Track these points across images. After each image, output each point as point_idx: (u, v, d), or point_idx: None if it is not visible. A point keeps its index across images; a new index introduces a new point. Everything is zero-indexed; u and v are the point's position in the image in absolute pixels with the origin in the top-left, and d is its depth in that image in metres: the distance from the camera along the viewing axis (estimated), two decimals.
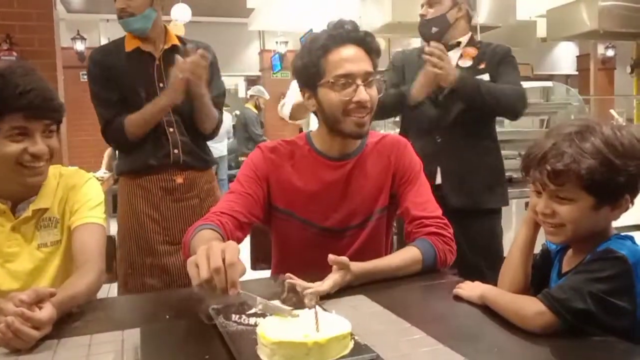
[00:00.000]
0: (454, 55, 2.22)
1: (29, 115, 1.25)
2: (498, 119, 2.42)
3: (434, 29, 2.21)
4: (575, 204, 1.04)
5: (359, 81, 1.37)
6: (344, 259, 1.21)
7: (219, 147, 6.88)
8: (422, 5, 2.24)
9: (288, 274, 1.18)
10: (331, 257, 1.20)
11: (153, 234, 2.00)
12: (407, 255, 1.36)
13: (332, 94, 1.39)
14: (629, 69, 9.50)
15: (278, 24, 7.77)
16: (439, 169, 2.17)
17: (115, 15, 2.04)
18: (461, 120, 2.15)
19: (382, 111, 2.46)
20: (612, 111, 6.46)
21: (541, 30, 6.89)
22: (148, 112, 1.97)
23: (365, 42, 1.40)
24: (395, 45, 6.29)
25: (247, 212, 1.41)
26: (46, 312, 1.01)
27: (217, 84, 2.13)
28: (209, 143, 2.21)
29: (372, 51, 1.42)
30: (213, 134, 2.14)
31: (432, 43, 2.11)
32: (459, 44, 2.25)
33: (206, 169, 2.13)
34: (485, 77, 2.16)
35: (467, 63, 2.21)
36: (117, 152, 2.37)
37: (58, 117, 1.32)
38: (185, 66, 1.87)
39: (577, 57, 10.99)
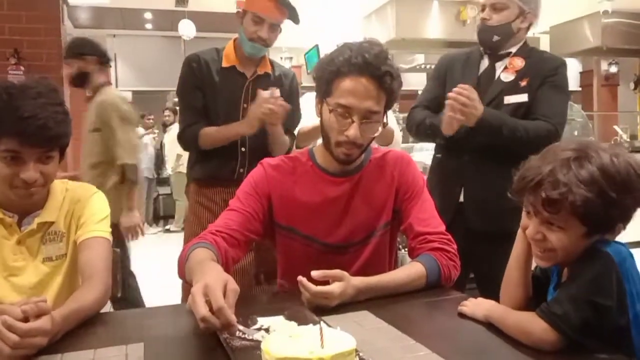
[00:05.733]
0: (499, 70, 2.08)
1: (22, 141, 1.24)
2: None
3: (496, 38, 2.04)
4: (566, 232, 1.03)
5: (355, 117, 1.37)
6: (332, 272, 1.22)
7: None
8: (483, 8, 2.06)
9: (300, 277, 1.19)
10: (315, 273, 1.20)
11: None
12: (411, 271, 1.36)
13: (331, 117, 1.40)
14: (632, 85, 9.52)
15: (283, 40, 7.81)
16: (462, 189, 2.05)
17: (121, 31, 2.13)
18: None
19: (417, 138, 2.37)
20: (616, 127, 6.46)
21: (544, 47, 6.93)
22: (222, 134, 2.12)
23: (382, 80, 1.37)
24: (398, 62, 6.32)
25: (244, 229, 1.41)
26: (35, 322, 0.99)
27: (294, 113, 2.20)
28: None
29: (385, 90, 1.39)
30: None
31: (460, 86, 1.90)
32: (509, 53, 2.08)
33: None
34: (523, 97, 1.99)
35: (509, 77, 2.04)
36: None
37: (53, 147, 1.31)
38: (265, 111, 2.00)
39: (580, 73, 10.99)
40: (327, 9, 5.77)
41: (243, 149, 2.16)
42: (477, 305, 1.17)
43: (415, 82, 9.30)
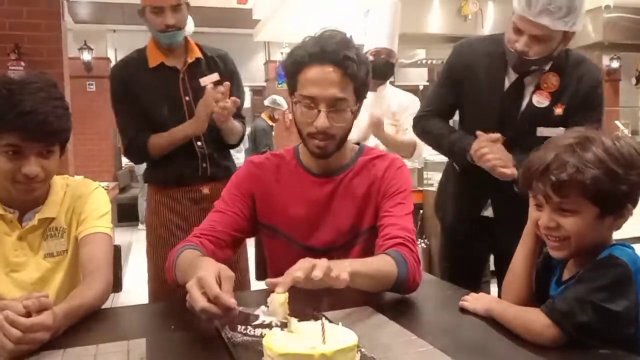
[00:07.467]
0: (529, 87, 1.75)
1: (23, 136, 1.24)
2: None
3: (534, 67, 1.71)
4: (579, 215, 1.04)
5: (322, 106, 1.32)
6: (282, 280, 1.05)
7: (239, 157, 6.84)
8: (517, 31, 1.67)
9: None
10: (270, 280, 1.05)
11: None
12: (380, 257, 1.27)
13: (299, 111, 1.36)
14: (634, 81, 9.50)
15: (283, 35, 7.82)
16: (489, 201, 1.85)
17: (121, 26, 2.08)
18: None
19: (429, 145, 2.08)
20: (617, 122, 6.46)
21: None
22: (173, 138, 2.02)
23: (344, 65, 1.31)
24: (399, 57, 6.30)
25: (231, 230, 1.41)
26: (37, 317, 0.99)
27: (238, 95, 2.08)
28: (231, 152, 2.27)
29: (349, 75, 1.33)
30: (238, 144, 2.22)
31: (481, 137, 1.67)
32: (541, 69, 1.73)
33: (229, 177, 2.16)
34: (558, 131, 1.67)
35: (543, 102, 1.72)
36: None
37: (55, 142, 1.30)
38: (216, 110, 1.91)
39: None
40: (328, 4, 5.75)
41: (199, 143, 2.07)
42: (478, 300, 1.17)
43: (416, 77, 9.30)
